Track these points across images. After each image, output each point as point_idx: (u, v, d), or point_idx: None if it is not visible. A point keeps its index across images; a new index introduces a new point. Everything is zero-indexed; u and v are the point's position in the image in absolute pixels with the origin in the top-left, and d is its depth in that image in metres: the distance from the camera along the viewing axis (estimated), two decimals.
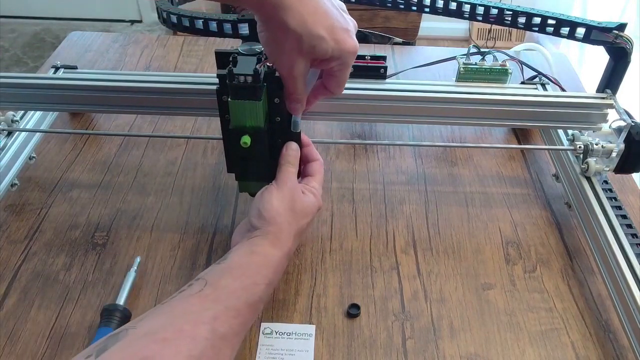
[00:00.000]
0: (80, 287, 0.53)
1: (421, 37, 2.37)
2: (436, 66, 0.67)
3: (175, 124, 0.74)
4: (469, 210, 0.63)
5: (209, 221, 0.60)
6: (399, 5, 0.64)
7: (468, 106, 0.57)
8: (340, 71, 0.44)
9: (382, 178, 0.66)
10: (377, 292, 0.53)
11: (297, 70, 0.42)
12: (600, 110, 0.58)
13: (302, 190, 0.48)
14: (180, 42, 0.93)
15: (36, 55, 2.44)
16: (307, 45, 0.40)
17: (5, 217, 0.60)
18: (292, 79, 0.43)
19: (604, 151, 0.57)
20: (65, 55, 0.87)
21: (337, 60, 0.42)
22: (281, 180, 0.46)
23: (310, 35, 0.39)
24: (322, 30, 0.40)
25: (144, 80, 0.58)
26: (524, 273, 0.56)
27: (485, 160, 0.70)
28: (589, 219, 0.55)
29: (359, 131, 0.74)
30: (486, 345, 0.49)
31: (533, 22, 0.58)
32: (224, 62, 0.46)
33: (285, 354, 0.48)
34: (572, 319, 0.51)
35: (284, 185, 0.46)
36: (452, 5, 0.61)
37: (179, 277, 0.54)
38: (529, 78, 0.72)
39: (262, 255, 0.42)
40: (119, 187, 0.64)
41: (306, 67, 0.42)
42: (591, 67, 1.71)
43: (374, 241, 0.58)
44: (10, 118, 0.61)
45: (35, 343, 0.48)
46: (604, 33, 0.55)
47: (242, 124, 0.46)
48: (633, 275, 0.48)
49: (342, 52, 0.42)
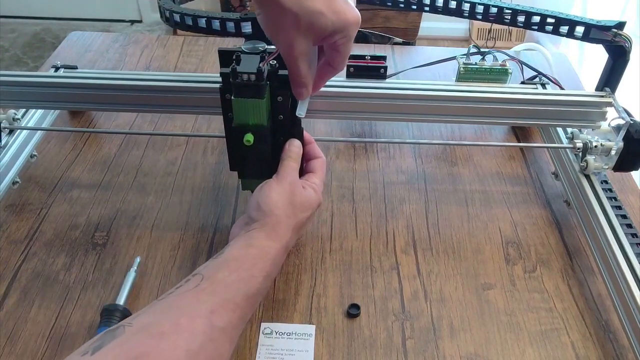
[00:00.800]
0: (80, 287, 0.53)
1: (421, 37, 2.37)
2: (436, 66, 0.67)
3: (176, 124, 0.74)
4: (469, 210, 0.63)
5: (209, 221, 0.60)
6: (399, 5, 0.64)
7: (468, 104, 0.57)
8: (344, 45, 0.42)
9: (382, 178, 0.66)
10: (377, 292, 0.53)
11: (298, 49, 0.41)
12: (599, 108, 0.58)
13: (302, 185, 0.47)
14: (180, 42, 0.93)
15: (36, 55, 2.44)
16: (306, 22, 0.38)
17: (5, 217, 0.60)
18: (293, 59, 0.42)
19: (603, 149, 0.58)
20: (65, 55, 0.87)
21: (340, 34, 0.40)
22: (282, 174, 0.46)
23: (308, 12, 0.38)
24: (319, 4, 0.38)
25: (144, 79, 0.58)
26: (524, 273, 0.56)
27: (485, 160, 0.70)
28: (588, 217, 0.55)
29: (359, 131, 0.74)
30: (486, 345, 0.49)
31: (532, 20, 0.58)
32: (227, 60, 0.46)
33: (285, 354, 0.48)
34: (572, 319, 0.51)
35: (284, 179, 0.46)
36: (452, 4, 0.61)
37: (179, 277, 0.54)
38: (529, 78, 0.72)
39: (259, 248, 0.42)
40: (119, 187, 0.64)
41: (308, 46, 0.41)
42: (591, 67, 1.71)
43: (374, 241, 0.58)
44: (11, 116, 0.61)
45: (35, 343, 0.48)
46: (603, 31, 0.55)
47: (245, 122, 0.46)
48: (633, 275, 0.48)
49: (344, 23, 0.40)
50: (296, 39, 0.40)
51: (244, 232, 0.44)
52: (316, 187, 0.49)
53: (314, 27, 0.39)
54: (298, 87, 0.44)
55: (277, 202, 0.44)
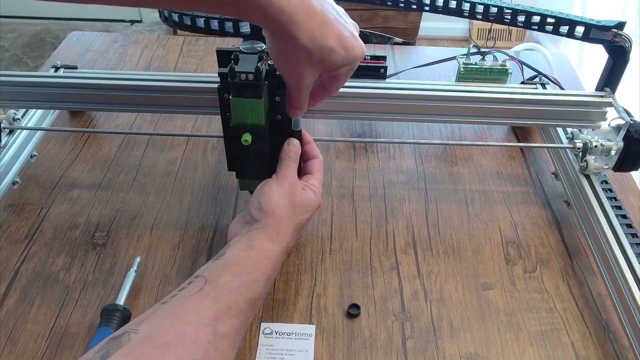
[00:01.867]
0: (80, 287, 0.53)
1: (421, 37, 2.36)
2: (436, 66, 0.67)
3: (176, 124, 0.74)
4: (469, 209, 0.62)
5: (209, 221, 0.60)
6: (398, 4, 0.64)
7: (468, 104, 0.57)
8: (346, 75, 0.44)
9: (382, 178, 0.66)
10: (377, 292, 0.53)
11: (306, 82, 0.43)
12: (599, 108, 0.58)
13: (302, 187, 0.48)
14: (180, 42, 0.93)
15: (36, 55, 2.44)
16: (318, 58, 0.40)
17: (6, 217, 0.60)
18: (299, 90, 0.44)
19: (603, 149, 0.58)
20: (65, 55, 0.87)
21: (346, 66, 0.43)
22: (281, 174, 0.47)
23: (321, 49, 0.39)
24: (332, 42, 0.40)
25: (144, 79, 0.58)
26: (524, 273, 0.56)
27: (485, 159, 0.70)
28: (588, 217, 0.55)
29: (359, 131, 0.74)
30: (486, 345, 0.49)
31: (532, 20, 0.58)
32: (225, 60, 0.46)
33: (285, 354, 0.48)
34: (572, 319, 0.51)
35: (284, 180, 0.46)
36: (452, 4, 0.61)
37: (179, 277, 0.54)
38: (529, 78, 0.72)
39: (260, 250, 0.42)
40: (119, 187, 0.64)
41: (314, 78, 0.43)
42: (591, 67, 1.71)
43: (374, 241, 0.58)
44: (11, 116, 0.62)
45: (35, 343, 0.48)
46: (603, 31, 0.55)
47: (243, 122, 0.46)
48: (633, 275, 0.48)
49: (352, 58, 0.42)
50: (306, 72, 0.41)
51: (245, 231, 0.44)
52: (315, 190, 0.49)
53: (325, 63, 0.41)
54: (294, 109, 0.46)
55: (278, 202, 0.44)
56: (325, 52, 0.40)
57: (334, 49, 0.40)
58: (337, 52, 0.40)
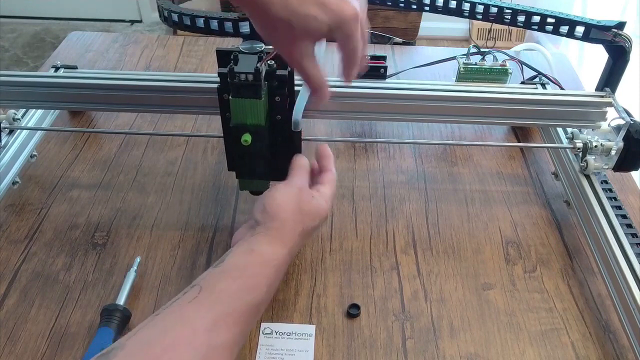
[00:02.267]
0: (80, 287, 0.53)
1: (421, 37, 2.36)
2: (436, 66, 0.67)
3: (175, 124, 0.74)
4: (469, 209, 0.62)
5: (209, 221, 0.60)
6: (398, 4, 0.64)
7: (468, 104, 0.57)
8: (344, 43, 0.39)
9: (382, 178, 0.66)
10: (377, 292, 0.53)
11: (298, 55, 0.39)
12: (599, 108, 0.58)
13: (312, 194, 0.45)
14: (180, 42, 0.93)
15: (36, 55, 2.44)
16: (300, 28, 0.37)
17: (6, 217, 0.60)
18: (297, 65, 0.41)
19: (603, 149, 0.58)
20: (65, 55, 0.87)
21: (338, 32, 0.38)
22: (291, 179, 0.45)
23: (300, 17, 0.37)
24: (311, 8, 0.37)
25: (144, 79, 0.58)
26: (524, 273, 0.56)
27: (485, 159, 0.70)
28: (588, 217, 0.55)
29: (359, 131, 0.74)
30: (486, 345, 0.49)
31: (532, 20, 0.58)
32: (225, 60, 0.46)
33: (285, 354, 0.48)
34: (572, 319, 0.51)
35: (294, 184, 0.45)
36: (452, 4, 0.61)
37: (178, 277, 0.54)
38: (529, 78, 0.72)
39: (262, 254, 0.40)
40: (119, 187, 0.64)
41: (308, 48, 0.39)
42: (591, 67, 1.71)
43: (374, 241, 0.58)
44: (11, 116, 0.61)
45: (35, 343, 0.48)
46: (603, 31, 0.55)
47: (243, 122, 0.46)
48: (633, 275, 0.48)
49: (340, 20, 0.37)
50: (294, 45, 0.39)
51: (248, 236, 0.42)
52: (327, 198, 0.46)
53: (310, 31, 0.38)
54: (314, 90, 0.42)
55: (283, 205, 0.43)
56: (305, 20, 0.37)
57: (314, 16, 0.37)
58: (319, 18, 0.37)
